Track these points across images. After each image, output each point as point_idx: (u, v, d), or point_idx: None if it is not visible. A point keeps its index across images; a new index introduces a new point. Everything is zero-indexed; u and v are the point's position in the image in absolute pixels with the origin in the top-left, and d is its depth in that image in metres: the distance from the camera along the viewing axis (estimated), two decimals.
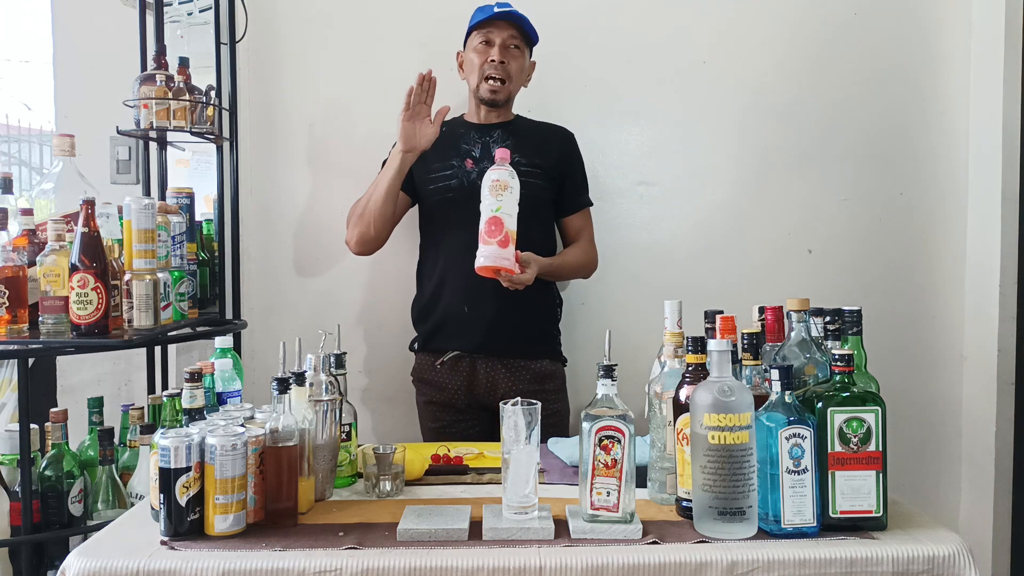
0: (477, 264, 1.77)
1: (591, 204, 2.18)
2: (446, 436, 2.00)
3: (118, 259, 1.69)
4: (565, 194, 2.11)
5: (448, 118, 2.07)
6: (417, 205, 2.13)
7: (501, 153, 1.81)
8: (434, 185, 2.04)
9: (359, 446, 1.53)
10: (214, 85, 2.15)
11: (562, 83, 2.37)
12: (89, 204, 1.58)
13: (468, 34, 2.06)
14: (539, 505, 1.25)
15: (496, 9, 1.99)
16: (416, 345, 2.13)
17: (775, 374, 1.21)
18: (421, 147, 1.90)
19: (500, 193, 1.75)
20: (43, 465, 1.66)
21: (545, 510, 1.26)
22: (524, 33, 2.01)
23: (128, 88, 1.99)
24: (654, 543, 1.18)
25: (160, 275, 1.69)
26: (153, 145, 2.23)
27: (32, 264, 1.67)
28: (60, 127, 2.44)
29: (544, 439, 1.56)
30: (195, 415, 1.37)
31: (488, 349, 2.01)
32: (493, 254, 1.74)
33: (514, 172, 1.78)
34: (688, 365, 1.30)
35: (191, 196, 2.02)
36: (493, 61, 1.99)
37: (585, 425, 1.22)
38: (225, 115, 2.18)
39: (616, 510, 1.21)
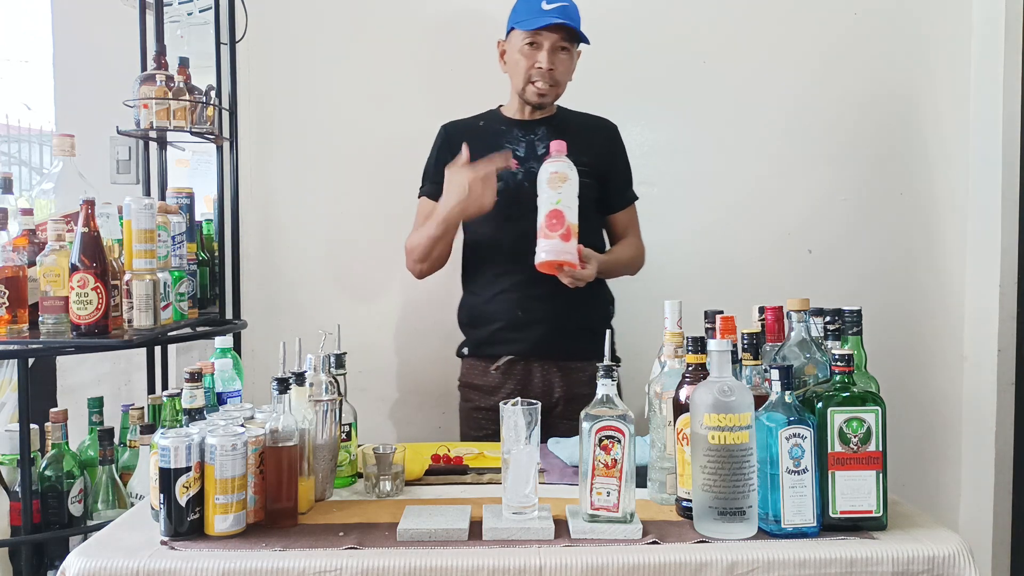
0: (538, 260, 1.70)
1: (636, 198, 2.09)
2: None
3: (118, 259, 1.69)
4: (611, 190, 2.02)
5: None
6: None
7: (557, 145, 1.72)
8: None
9: (359, 446, 1.53)
10: (214, 85, 2.15)
11: None
12: (89, 204, 1.58)
13: (511, 27, 1.93)
14: (539, 505, 1.25)
15: (546, 6, 1.84)
16: (466, 350, 2.05)
17: (775, 374, 1.21)
18: (486, 208, 1.81)
19: (559, 185, 1.68)
20: (43, 465, 1.66)
21: (545, 510, 1.26)
22: (574, 32, 1.89)
23: (128, 88, 1.99)
24: (654, 543, 1.18)
25: (160, 275, 1.69)
26: (153, 145, 2.23)
27: (32, 264, 1.67)
28: (60, 127, 2.44)
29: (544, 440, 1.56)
30: (195, 415, 1.37)
31: (543, 352, 1.94)
32: (556, 248, 1.68)
33: (571, 164, 1.71)
34: (688, 365, 1.30)
35: (191, 196, 2.01)
36: (540, 68, 1.87)
37: (585, 425, 1.22)
38: (225, 115, 2.18)
39: (616, 510, 1.21)
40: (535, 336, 1.93)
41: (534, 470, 1.24)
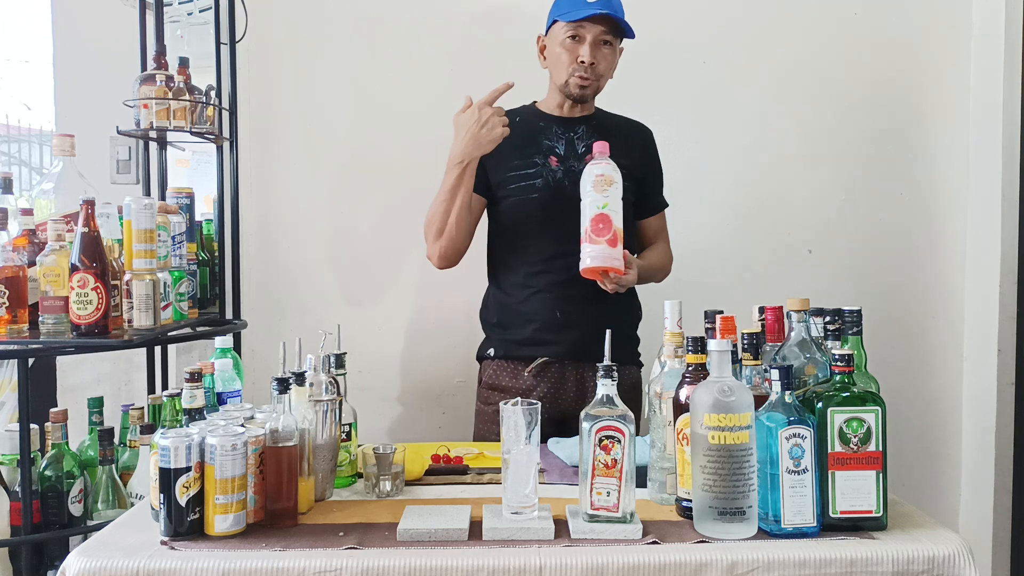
0: (584, 265, 1.66)
1: (667, 205, 2.07)
2: None
3: (118, 259, 1.69)
4: (646, 195, 1.98)
5: (519, 105, 1.97)
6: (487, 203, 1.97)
7: (600, 146, 1.68)
8: (515, 184, 1.89)
9: (359, 446, 1.53)
10: (214, 85, 2.15)
11: None
12: (89, 204, 1.58)
13: (552, 20, 1.89)
14: (539, 505, 1.25)
15: None
16: (492, 351, 1.97)
17: (775, 374, 1.21)
18: (497, 138, 1.76)
19: (605, 188, 1.63)
20: (43, 465, 1.66)
21: (545, 510, 1.26)
22: (617, 26, 1.83)
23: (128, 88, 1.99)
24: (654, 543, 1.18)
25: (160, 275, 1.69)
26: (153, 145, 2.23)
27: (32, 264, 1.67)
28: (60, 127, 2.44)
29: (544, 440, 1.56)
30: (195, 415, 1.37)
31: (580, 355, 1.88)
32: (603, 254, 1.63)
33: (616, 166, 1.66)
34: (688, 365, 1.30)
35: (191, 196, 2.01)
36: (583, 62, 1.82)
37: (585, 425, 1.22)
38: (225, 115, 2.18)
39: (616, 510, 1.21)
40: (572, 339, 1.87)
41: (534, 470, 1.24)
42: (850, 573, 1.14)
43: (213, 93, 2.11)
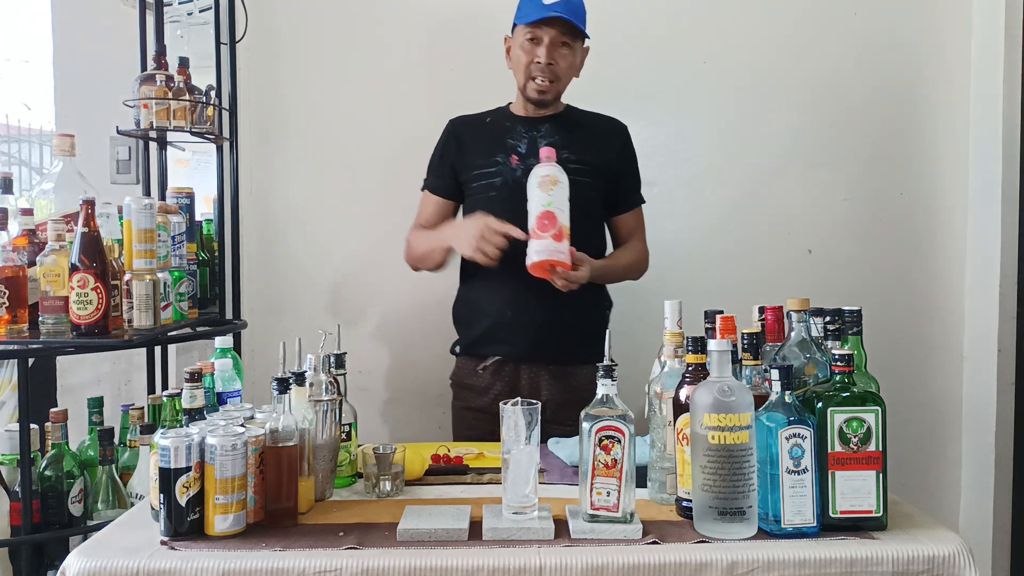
0: (529, 261, 1.68)
1: (644, 202, 2.07)
2: None
3: (118, 259, 1.69)
4: (619, 191, 2.00)
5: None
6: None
7: (546, 152, 1.75)
8: (477, 183, 1.94)
9: (359, 446, 1.53)
10: (214, 85, 2.15)
11: None
12: (89, 204, 1.58)
13: (515, 22, 1.92)
14: (539, 505, 1.25)
15: (546, 1, 1.82)
16: (458, 349, 2.03)
17: (775, 374, 1.21)
18: (479, 260, 1.79)
19: (551, 188, 1.68)
20: (43, 465, 1.66)
21: (545, 510, 1.26)
22: (575, 28, 1.87)
23: (128, 88, 1.99)
24: (654, 543, 1.18)
25: (160, 275, 1.69)
26: (153, 145, 2.23)
27: (32, 264, 1.67)
28: (60, 127, 2.44)
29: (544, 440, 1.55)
30: (195, 415, 1.37)
31: (532, 356, 1.91)
32: (547, 248, 1.65)
33: (562, 169, 1.71)
34: (688, 365, 1.30)
35: (191, 196, 2.01)
36: (539, 63, 1.86)
37: (585, 425, 1.22)
38: (225, 115, 2.18)
39: (616, 510, 1.21)
40: (525, 339, 1.90)
41: (534, 470, 1.24)
42: (850, 573, 1.14)
43: (213, 93, 2.11)
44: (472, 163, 1.95)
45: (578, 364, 1.91)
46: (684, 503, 1.28)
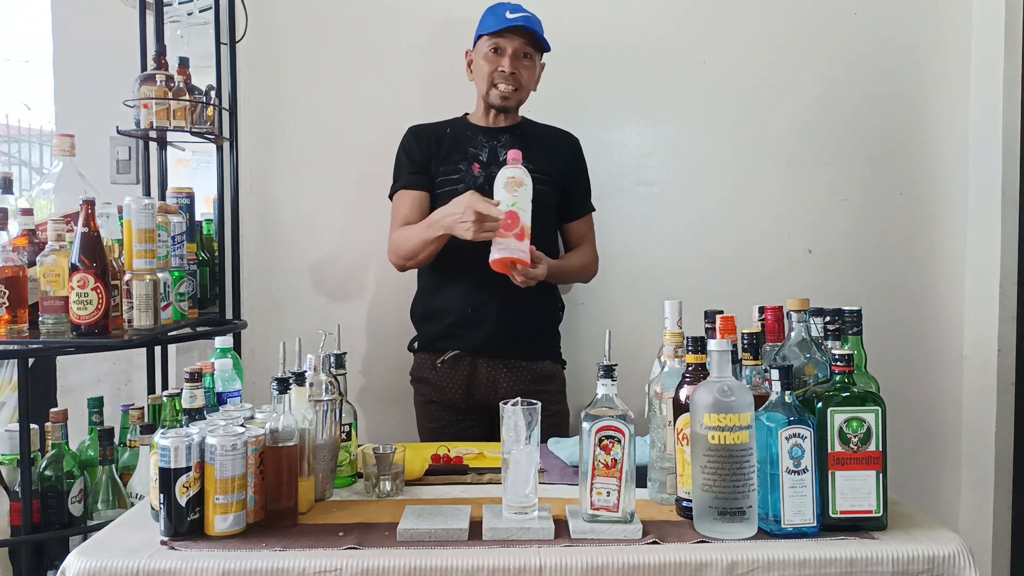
0: (492, 257, 1.78)
1: (593, 210, 2.19)
2: (444, 436, 2.00)
3: (118, 259, 1.69)
4: (570, 200, 2.12)
5: (451, 117, 2.08)
6: None
7: (514, 153, 1.83)
8: (441, 189, 2.02)
9: (359, 446, 1.53)
10: (214, 85, 2.15)
11: (562, 83, 2.36)
12: (89, 204, 1.58)
13: (478, 36, 2.03)
14: (539, 505, 1.25)
15: (509, 15, 1.95)
16: (416, 345, 2.12)
17: (775, 374, 1.21)
18: (461, 236, 1.84)
19: (516, 189, 1.78)
20: (43, 465, 1.66)
21: (545, 510, 1.26)
22: (536, 40, 1.99)
23: (128, 88, 1.99)
24: (654, 543, 1.18)
25: (160, 275, 1.69)
26: (153, 145, 2.23)
27: (32, 264, 1.67)
28: (60, 127, 2.44)
29: (544, 440, 1.56)
30: (195, 415, 1.37)
31: (490, 349, 2.01)
32: (510, 246, 1.76)
33: (527, 172, 1.81)
34: (688, 365, 1.30)
35: (191, 196, 2.02)
36: (503, 71, 1.97)
37: (585, 425, 1.22)
38: (225, 115, 2.18)
39: (616, 510, 1.21)
40: (483, 333, 1.99)
41: (534, 470, 1.24)
42: (850, 573, 1.14)
43: (213, 93, 2.11)
44: (437, 168, 2.03)
45: (533, 359, 2.05)
46: (684, 503, 1.28)
